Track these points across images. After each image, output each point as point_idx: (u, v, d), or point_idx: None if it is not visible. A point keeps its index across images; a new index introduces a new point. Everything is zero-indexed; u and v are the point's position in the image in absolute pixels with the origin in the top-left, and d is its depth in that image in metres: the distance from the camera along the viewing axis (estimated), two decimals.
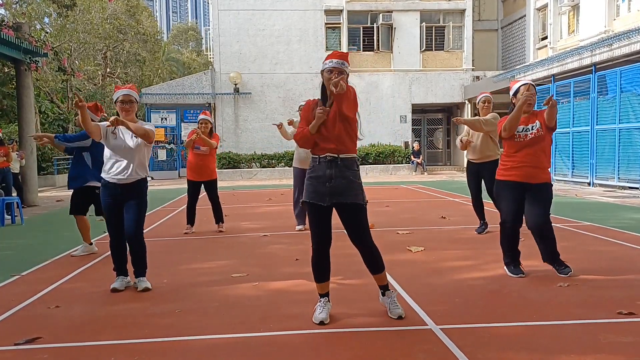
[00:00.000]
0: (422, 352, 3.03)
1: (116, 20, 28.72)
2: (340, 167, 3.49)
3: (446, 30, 23.61)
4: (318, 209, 3.54)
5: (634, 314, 3.57)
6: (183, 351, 3.17)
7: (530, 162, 4.60)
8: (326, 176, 3.49)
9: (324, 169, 3.50)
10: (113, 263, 4.70)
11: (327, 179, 3.48)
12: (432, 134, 25.99)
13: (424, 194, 13.32)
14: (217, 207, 7.68)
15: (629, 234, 6.68)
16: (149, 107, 23.33)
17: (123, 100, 4.52)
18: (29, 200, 12.17)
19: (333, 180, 3.48)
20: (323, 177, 3.50)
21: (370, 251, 3.61)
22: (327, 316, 3.58)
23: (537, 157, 4.61)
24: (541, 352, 2.99)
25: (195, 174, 7.52)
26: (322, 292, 3.67)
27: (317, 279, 3.65)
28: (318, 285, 3.67)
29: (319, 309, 3.61)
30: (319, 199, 3.51)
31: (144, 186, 4.64)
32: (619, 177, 13.04)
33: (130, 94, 4.56)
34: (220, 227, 7.70)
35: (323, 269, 3.63)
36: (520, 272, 4.70)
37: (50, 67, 22.40)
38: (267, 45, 22.87)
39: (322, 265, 3.62)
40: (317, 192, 3.51)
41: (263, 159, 21.83)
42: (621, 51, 13.02)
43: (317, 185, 3.51)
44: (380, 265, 3.63)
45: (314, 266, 3.64)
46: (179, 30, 59.76)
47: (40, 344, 3.33)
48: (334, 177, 3.48)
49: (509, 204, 4.69)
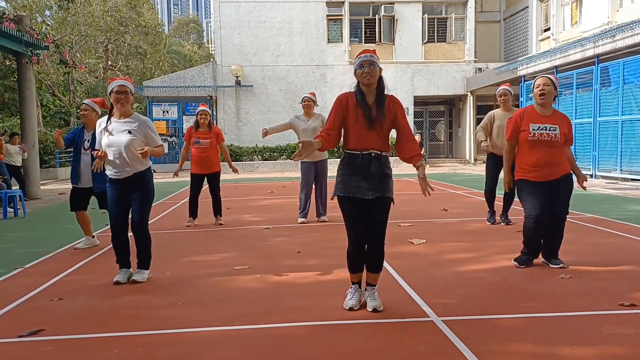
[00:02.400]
0: (424, 345, 3.04)
1: (117, 12, 28.64)
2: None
3: (448, 22, 23.51)
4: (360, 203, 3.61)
5: (635, 305, 3.57)
6: (186, 343, 3.18)
7: (546, 162, 4.53)
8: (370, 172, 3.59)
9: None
10: (115, 256, 4.71)
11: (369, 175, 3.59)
12: (434, 126, 25.95)
13: None
14: (217, 200, 7.70)
15: (631, 226, 6.67)
16: (151, 99, 23.31)
17: (118, 91, 4.43)
18: (32, 193, 12.18)
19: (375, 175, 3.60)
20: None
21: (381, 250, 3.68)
22: (357, 303, 3.70)
23: (553, 156, 4.55)
24: (543, 344, 3.00)
25: (199, 167, 7.53)
26: (355, 281, 3.78)
27: (353, 270, 3.74)
28: (352, 275, 3.77)
29: (350, 295, 3.75)
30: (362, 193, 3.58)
31: (148, 177, 4.64)
32: (622, 169, 13.01)
33: (125, 84, 4.49)
34: (219, 220, 7.72)
35: (360, 261, 3.69)
36: (526, 263, 4.72)
37: (52, 60, 22.36)
38: (269, 38, 22.81)
39: (361, 257, 3.68)
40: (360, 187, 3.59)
41: (265, 152, 21.83)
42: (624, 42, 12.96)
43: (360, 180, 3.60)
44: (381, 265, 3.71)
45: (352, 258, 3.69)
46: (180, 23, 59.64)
47: (43, 336, 3.35)
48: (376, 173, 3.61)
49: (533, 198, 4.61)
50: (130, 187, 4.53)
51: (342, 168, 3.65)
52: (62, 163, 20.83)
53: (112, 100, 4.49)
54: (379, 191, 3.55)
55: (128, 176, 4.51)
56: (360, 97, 3.61)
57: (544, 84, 4.59)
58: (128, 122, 4.50)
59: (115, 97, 4.45)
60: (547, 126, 4.54)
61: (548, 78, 4.65)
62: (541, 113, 4.63)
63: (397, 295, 4.02)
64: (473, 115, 23.30)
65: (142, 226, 4.60)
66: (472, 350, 2.92)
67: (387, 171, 3.62)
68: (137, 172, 4.54)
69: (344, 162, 3.65)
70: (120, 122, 4.50)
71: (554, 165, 4.56)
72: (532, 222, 4.64)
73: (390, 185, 3.64)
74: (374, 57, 3.60)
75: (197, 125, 7.50)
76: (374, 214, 3.59)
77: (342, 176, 3.62)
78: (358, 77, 3.62)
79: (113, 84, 4.51)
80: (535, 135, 4.55)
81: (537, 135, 4.54)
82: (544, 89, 4.57)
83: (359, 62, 3.59)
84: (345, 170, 3.62)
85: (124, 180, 4.51)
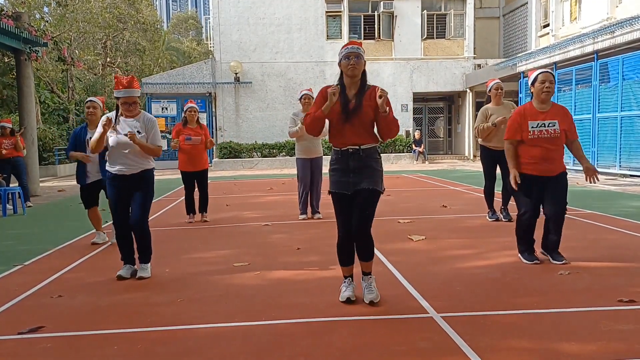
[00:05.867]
0: (423, 340, 3.04)
1: (116, 9, 28.53)
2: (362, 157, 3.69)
3: (447, 18, 23.46)
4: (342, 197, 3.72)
5: (634, 301, 3.58)
6: (185, 339, 3.18)
7: (546, 157, 4.52)
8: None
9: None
10: (120, 252, 4.74)
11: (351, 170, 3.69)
12: (433, 123, 25.93)
13: (425, 182, 13.32)
14: (205, 197, 7.70)
15: (630, 222, 6.68)
16: (150, 96, 23.27)
17: (126, 102, 4.51)
18: (31, 191, 12.16)
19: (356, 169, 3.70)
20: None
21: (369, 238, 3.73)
22: (353, 293, 3.75)
23: (552, 152, 4.54)
24: (542, 340, 3.01)
25: (189, 165, 7.51)
26: (347, 274, 3.85)
27: (343, 263, 3.83)
28: (343, 269, 3.85)
29: (344, 287, 3.80)
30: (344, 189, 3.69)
31: (150, 176, 4.70)
32: (621, 165, 13.01)
33: (133, 95, 4.53)
34: (204, 216, 7.72)
35: (349, 253, 3.79)
36: (535, 259, 4.69)
37: (50, 57, 22.33)
38: (268, 34, 22.76)
39: (349, 249, 3.77)
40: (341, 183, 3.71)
41: (264, 149, 21.80)
42: (623, 38, 12.94)
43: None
44: (371, 253, 3.76)
45: (341, 249, 3.80)
46: (178, 19, 59.43)
47: (43, 333, 3.35)
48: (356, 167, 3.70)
49: (527, 197, 4.63)
50: (134, 184, 4.58)
51: (330, 164, 3.80)
52: (61, 160, 20.80)
53: (122, 108, 4.56)
54: (359, 185, 3.61)
55: (135, 173, 4.57)
56: (341, 88, 3.67)
57: (550, 82, 4.52)
58: (136, 121, 4.59)
59: (125, 107, 4.54)
60: (547, 122, 4.52)
61: (551, 74, 4.59)
62: (540, 109, 4.60)
63: (396, 291, 4.02)
64: (472, 112, 23.27)
65: (143, 223, 4.63)
66: (471, 346, 2.93)
67: (369, 163, 3.65)
68: (144, 170, 4.61)
69: (331, 158, 3.79)
70: (128, 121, 4.57)
71: (551, 162, 4.55)
72: (525, 220, 4.67)
73: (375, 176, 3.65)
74: (360, 50, 3.63)
75: (186, 121, 7.50)
76: (358, 206, 3.64)
77: (330, 172, 3.77)
78: (342, 68, 3.65)
79: (120, 93, 4.50)
80: (534, 133, 4.52)
81: (537, 133, 4.52)
82: (549, 88, 4.51)
83: (345, 53, 3.61)
84: (331, 166, 3.76)
85: (130, 176, 4.56)
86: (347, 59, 3.60)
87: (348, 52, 3.60)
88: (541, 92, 4.54)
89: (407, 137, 22.65)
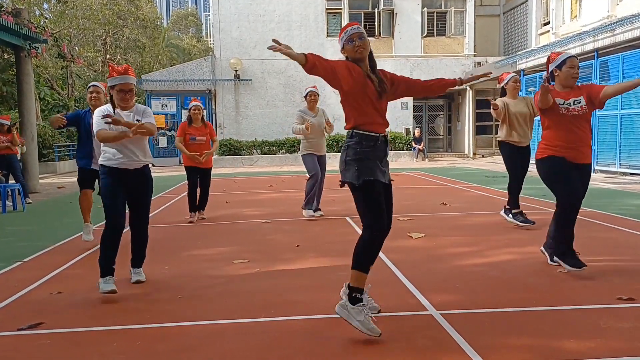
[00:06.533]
0: (422, 338, 3.04)
1: (116, 6, 28.53)
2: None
3: (448, 16, 23.44)
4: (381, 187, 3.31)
5: (634, 299, 3.58)
6: (184, 336, 3.18)
7: (577, 140, 4.28)
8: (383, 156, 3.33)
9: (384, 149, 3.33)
10: (103, 260, 4.03)
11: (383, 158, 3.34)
12: (433, 121, 25.93)
13: (424, 180, 13.32)
14: (206, 194, 7.69)
15: (630, 220, 6.68)
16: (149, 93, 23.25)
17: (122, 90, 4.10)
18: (30, 187, 12.16)
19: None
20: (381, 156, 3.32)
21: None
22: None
23: (582, 134, 4.30)
24: (542, 337, 3.01)
25: (194, 162, 7.47)
26: (365, 286, 3.22)
27: (368, 266, 3.24)
28: (363, 277, 3.20)
29: (366, 309, 3.14)
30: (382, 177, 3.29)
31: (150, 172, 4.42)
32: (621, 164, 13.01)
33: (130, 82, 4.11)
34: (202, 214, 7.71)
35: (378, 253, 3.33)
36: (582, 264, 4.19)
37: (50, 54, 22.32)
38: (268, 31, 22.72)
39: (380, 249, 3.33)
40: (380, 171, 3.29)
41: (264, 146, 21.80)
42: (624, 37, 12.92)
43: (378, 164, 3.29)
44: None
45: (376, 247, 3.28)
46: (178, 16, 59.36)
47: (42, 329, 3.35)
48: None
49: (567, 182, 4.28)
50: (137, 180, 4.24)
51: (356, 152, 3.21)
52: (61, 157, 20.79)
53: (116, 98, 4.15)
54: (388, 175, 3.34)
55: (138, 167, 4.24)
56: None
57: (578, 67, 4.33)
58: (132, 112, 4.22)
59: (121, 95, 4.12)
60: (572, 100, 4.28)
61: (576, 59, 4.38)
62: (563, 91, 4.37)
63: (395, 288, 4.02)
64: (472, 110, 23.28)
65: (147, 224, 4.40)
66: (471, 343, 2.93)
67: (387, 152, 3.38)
68: (144, 165, 4.29)
69: (357, 144, 3.22)
70: (125, 113, 4.19)
71: (585, 146, 4.35)
72: (569, 210, 4.25)
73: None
74: (361, 29, 3.31)
75: (190, 120, 7.45)
76: (389, 199, 3.38)
77: (357, 160, 3.20)
78: (349, 53, 3.29)
79: (115, 80, 4.10)
80: (562, 110, 4.26)
81: (564, 110, 4.26)
82: (577, 73, 4.32)
83: (348, 36, 3.27)
84: (359, 155, 3.20)
85: (133, 171, 4.21)
86: (351, 42, 3.25)
87: (350, 34, 3.27)
88: (570, 77, 4.33)
89: (407, 135, 22.64)
